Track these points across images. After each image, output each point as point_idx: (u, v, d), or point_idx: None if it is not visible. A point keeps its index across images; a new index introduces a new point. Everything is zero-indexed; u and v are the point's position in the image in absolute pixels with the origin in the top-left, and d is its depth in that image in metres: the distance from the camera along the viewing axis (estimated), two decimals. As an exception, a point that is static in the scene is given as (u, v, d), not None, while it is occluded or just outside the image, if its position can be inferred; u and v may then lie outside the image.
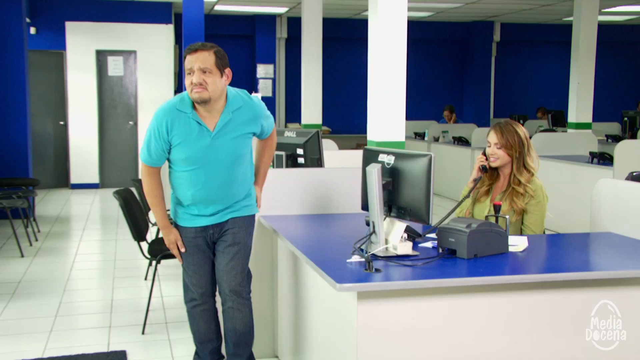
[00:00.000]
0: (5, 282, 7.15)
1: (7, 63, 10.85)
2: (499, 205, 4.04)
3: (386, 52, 7.16)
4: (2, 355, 5.14)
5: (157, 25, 14.33)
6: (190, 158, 4.04)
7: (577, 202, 9.14)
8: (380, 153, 3.77)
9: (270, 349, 5.07)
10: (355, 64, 16.56)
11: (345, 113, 17.03)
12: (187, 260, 4.26)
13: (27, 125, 11.12)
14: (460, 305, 3.39)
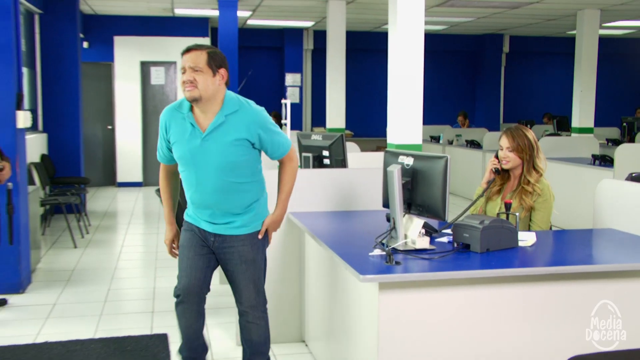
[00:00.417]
0: (61, 270, 7.21)
1: (63, 74, 10.95)
2: (509, 204, 4.01)
3: (405, 62, 7.15)
4: (60, 334, 5.17)
5: (195, 39, 14.29)
6: (182, 158, 3.73)
7: (580, 200, 9.06)
8: (400, 155, 3.74)
9: (298, 334, 5.04)
10: (375, 73, 16.54)
11: (366, 118, 17.00)
12: (182, 252, 3.89)
13: (79, 130, 11.21)
14: (473, 296, 3.36)
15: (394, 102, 7.26)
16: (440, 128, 14.70)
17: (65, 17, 11.00)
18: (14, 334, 5.25)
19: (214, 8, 12.80)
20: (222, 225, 3.77)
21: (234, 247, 3.78)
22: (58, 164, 10.66)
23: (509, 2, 12.36)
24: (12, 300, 6.08)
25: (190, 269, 3.83)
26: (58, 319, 5.63)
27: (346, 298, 3.91)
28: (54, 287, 6.56)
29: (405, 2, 7.15)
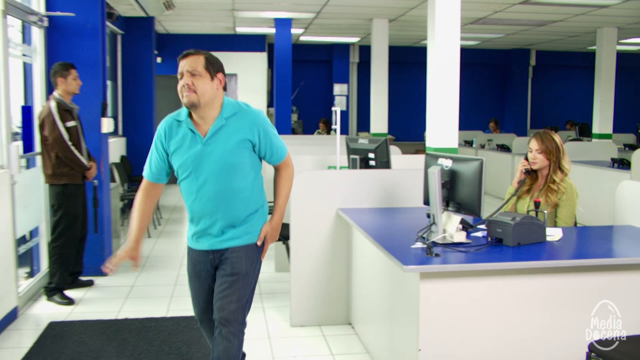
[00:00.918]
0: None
1: (139, 86, 11.13)
2: (538, 202, 4.00)
3: (442, 74, 7.12)
4: (137, 312, 5.28)
5: (254, 53, 14.46)
6: (183, 165, 3.26)
7: (600, 200, 8.90)
8: (440, 157, 3.73)
9: (345, 317, 5.05)
10: (414, 83, 16.46)
11: (406, 123, 16.91)
12: (189, 282, 3.52)
13: (153, 133, 11.34)
14: (505, 285, 3.34)
15: (432, 109, 7.24)
16: (473, 133, 14.56)
17: (143, 37, 11.18)
18: (100, 310, 5.38)
19: (271, 27, 12.87)
20: (217, 239, 3.32)
21: (229, 258, 3.32)
22: (135, 164, 10.82)
23: (535, 20, 12.22)
24: (97, 281, 6.21)
25: (198, 298, 3.50)
26: (135, 299, 5.74)
27: (389, 286, 3.92)
28: (132, 271, 6.68)
29: (442, 20, 7.12)
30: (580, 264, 3.41)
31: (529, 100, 18.03)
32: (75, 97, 5.70)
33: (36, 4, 6.10)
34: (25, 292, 5.54)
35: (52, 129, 5.43)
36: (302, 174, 4.92)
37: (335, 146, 6.08)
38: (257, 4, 10.85)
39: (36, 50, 6.18)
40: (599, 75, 12.96)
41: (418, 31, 13.37)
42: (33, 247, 6.17)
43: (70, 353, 4.42)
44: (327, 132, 13.12)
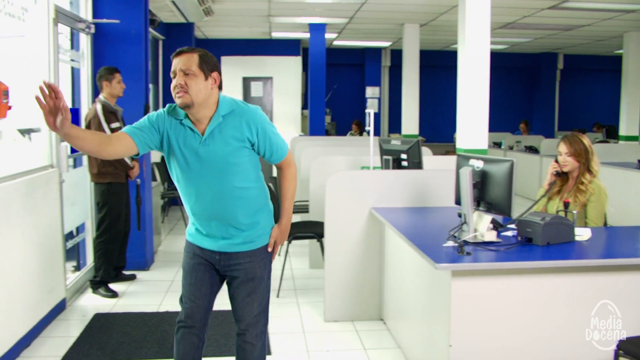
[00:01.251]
0: (177, 252, 7.38)
1: (179, 88, 11.22)
2: (568, 203, 3.95)
3: (473, 77, 7.08)
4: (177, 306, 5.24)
5: (289, 57, 14.49)
6: (181, 165, 3.02)
7: (628, 201, 8.76)
8: (471, 158, 3.70)
9: (377, 313, 5.05)
10: (444, 86, 16.34)
11: (436, 125, 16.81)
12: (185, 278, 3.21)
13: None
14: (535, 283, 3.31)
15: (463, 112, 7.20)
16: (501, 135, 14.42)
17: (183, 42, 11.24)
18: (142, 303, 5.44)
19: (305, 31, 12.90)
20: (227, 242, 3.10)
21: (240, 264, 3.12)
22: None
23: (563, 25, 12.06)
24: (140, 275, 6.30)
25: (194, 296, 3.18)
26: (176, 293, 5.76)
27: (421, 283, 3.90)
28: (172, 266, 6.74)
29: (473, 25, 7.08)
30: (609, 263, 3.36)
31: (557, 103, 17.81)
32: (120, 99, 5.78)
33: (84, 12, 6.20)
34: (73, 285, 5.64)
35: (97, 130, 5.51)
36: (337, 174, 4.93)
37: (367, 147, 6.08)
38: (293, 10, 10.89)
39: (83, 56, 6.28)
40: (626, 78, 12.79)
41: (448, 35, 13.29)
42: (79, 242, 6.27)
43: (114, 343, 4.48)
44: (359, 133, 13.11)
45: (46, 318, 4.83)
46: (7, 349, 4.10)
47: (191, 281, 3.17)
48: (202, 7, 9.65)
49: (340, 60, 16.20)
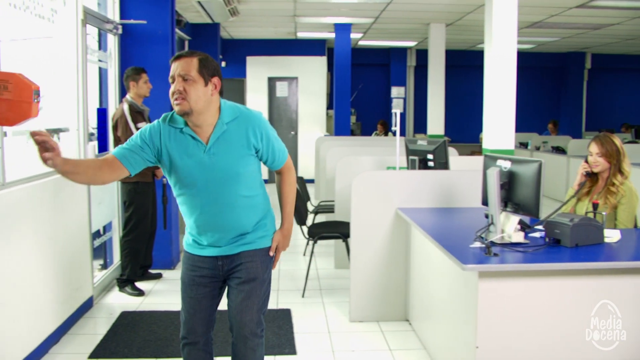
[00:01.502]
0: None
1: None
2: (597, 204, 3.89)
3: (499, 77, 7.04)
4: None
5: (314, 57, 14.50)
6: (186, 178, 2.87)
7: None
8: (498, 159, 3.67)
9: (402, 314, 5.02)
10: (469, 86, 16.24)
11: (461, 125, 16.70)
12: (185, 291, 3.05)
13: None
14: (563, 285, 3.27)
15: (489, 112, 7.15)
16: (528, 135, 14.28)
17: (208, 42, 11.37)
18: (168, 301, 5.47)
19: (331, 31, 12.90)
20: (230, 246, 2.98)
21: (242, 263, 2.99)
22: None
23: (592, 23, 11.91)
24: (166, 274, 6.34)
25: (195, 311, 3.03)
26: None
27: (447, 284, 3.88)
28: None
29: (499, 24, 7.03)
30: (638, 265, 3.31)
31: (584, 103, 17.59)
32: (146, 99, 5.82)
33: (111, 13, 6.27)
34: (100, 283, 5.70)
35: (124, 130, 5.57)
36: (363, 174, 4.91)
37: (392, 147, 6.06)
38: (318, 10, 10.90)
39: (111, 56, 6.34)
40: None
41: (474, 35, 13.20)
42: (106, 240, 6.33)
43: (141, 341, 4.52)
44: (384, 133, 13.08)
45: (74, 315, 4.89)
46: (36, 345, 4.16)
47: (191, 294, 3.02)
48: (228, 8, 9.69)
49: (365, 60, 16.17)
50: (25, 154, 4.27)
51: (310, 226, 6.09)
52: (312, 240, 5.80)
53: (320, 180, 9.69)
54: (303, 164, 14.39)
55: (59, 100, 4.94)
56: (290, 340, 4.58)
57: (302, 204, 6.12)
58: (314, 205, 7.82)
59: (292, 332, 4.74)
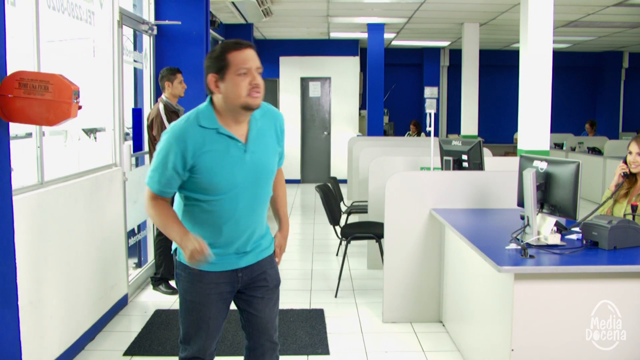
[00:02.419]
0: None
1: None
2: (636, 206, 3.81)
3: (535, 77, 6.96)
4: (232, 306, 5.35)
5: (347, 57, 14.50)
6: (221, 182, 2.58)
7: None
8: (535, 160, 3.63)
9: (436, 315, 4.99)
10: (503, 86, 16.09)
11: (495, 126, 16.54)
12: (201, 312, 2.73)
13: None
14: (601, 289, 3.21)
15: (524, 112, 7.06)
16: (563, 136, 14.09)
17: (242, 42, 11.41)
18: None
19: (364, 31, 12.88)
20: (251, 253, 2.76)
21: (265, 271, 2.81)
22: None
23: (629, 22, 11.70)
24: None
25: (213, 330, 2.77)
26: (234, 292, 5.86)
27: (482, 286, 3.84)
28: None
29: (535, 23, 6.95)
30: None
31: (622, 103, 17.28)
32: (181, 99, 5.87)
33: (147, 14, 6.35)
34: (134, 281, 5.76)
35: (160, 130, 5.62)
36: (397, 175, 4.89)
37: (425, 148, 6.03)
38: (351, 10, 10.89)
39: (146, 57, 6.42)
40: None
41: (509, 34, 13.07)
42: (141, 239, 6.41)
43: (174, 339, 4.56)
44: (417, 133, 13.02)
45: (109, 313, 4.96)
46: (73, 342, 4.23)
47: (211, 314, 2.74)
48: (261, 8, 9.74)
49: (398, 60, 16.11)
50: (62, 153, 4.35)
51: (343, 226, 6.08)
52: (345, 240, 5.79)
53: (352, 180, 9.68)
54: (336, 164, 14.39)
55: (96, 101, 5.02)
56: (324, 340, 4.58)
57: (335, 204, 6.12)
58: (346, 205, 7.82)
59: (325, 332, 4.74)
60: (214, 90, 2.62)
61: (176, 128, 2.59)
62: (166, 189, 2.62)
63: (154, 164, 2.62)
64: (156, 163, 2.61)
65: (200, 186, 2.60)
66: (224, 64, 2.57)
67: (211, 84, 2.62)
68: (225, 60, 2.57)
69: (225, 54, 2.57)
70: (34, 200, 3.72)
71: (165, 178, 2.59)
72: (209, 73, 2.62)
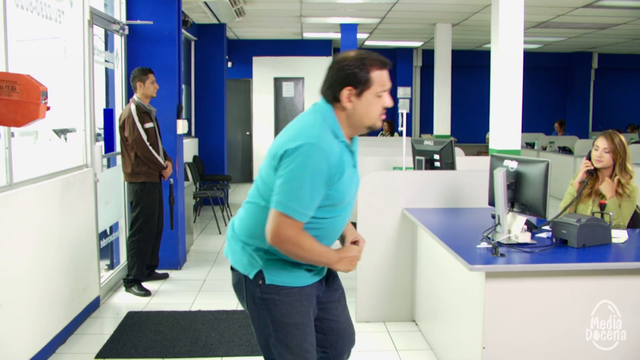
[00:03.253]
0: (209, 252, 7.46)
1: (211, 89, 11.33)
2: (604, 204, 3.87)
3: (506, 77, 7.01)
4: (210, 305, 5.35)
5: (320, 58, 14.50)
6: (345, 198, 2.44)
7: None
8: (505, 159, 3.66)
9: (409, 314, 5.02)
10: (474, 86, 16.20)
11: (467, 126, 16.66)
12: (305, 331, 2.52)
13: (223, 135, 11.54)
14: (570, 286, 3.26)
15: (496, 112, 7.13)
16: (534, 135, 14.25)
17: (215, 43, 11.37)
18: (174, 301, 5.49)
19: (337, 32, 12.89)
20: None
21: (333, 273, 2.72)
22: (206, 163, 11.03)
23: (599, 23, 11.87)
24: (172, 275, 6.35)
25: (313, 342, 2.58)
26: (208, 292, 5.83)
27: (454, 284, 3.87)
28: (204, 265, 6.79)
29: (506, 24, 7.02)
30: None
31: (591, 103, 17.53)
32: (153, 100, 5.84)
33: (118, 13, 6.28)
34: (106, 283, 5.71)
35: (131, 130, 5.58)
36: (369, 175, 4.91)
37: (399, 147, 6.05)
38: (324, 10, 10.89)
39: (117, 57, 6.36)
40: (663, 77, 12.58)
41: (480, 35, 13.18)
42: (113, 241, 6.35)
43: (147, 341, 4.53)
44: (390, 133, 13.07)
45: (81, 315, 4.90)
46: (43, 345, 4.17)
47: (312, 332, 2.56)
48: (234, 8, 9.70)
49: (371, 60, 16.13)
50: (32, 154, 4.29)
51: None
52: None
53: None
54: (309, 164, 14.37)
55: (66, 101, 4.96)
56: (297, 340, 4.56)
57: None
58: (320, 205, 7.81)
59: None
60: (345, 104, 2.41)
61: (319, 139, 2.32)
62: (310, 212, 2.33)
63: (298, 187, 2.27)
64: (302, 185, 2.28)
65: (326, 203, 2.38)
66: (366, 81, 2.38)
67: (343, 97, 2.40)
68: (368, 77, 2.38)
69: (370, 71, 2.38)
70: (2, 202, 3.66)
71: (315, 200, 2.32)
72: (345, 84, 2.40)
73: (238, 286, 2.60)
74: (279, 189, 2.31)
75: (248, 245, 2.50)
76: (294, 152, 2.29)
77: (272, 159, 2.39)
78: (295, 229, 2.31)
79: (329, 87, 2.46)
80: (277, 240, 2.32)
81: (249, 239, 2.50)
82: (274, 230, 2.31)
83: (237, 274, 2.58)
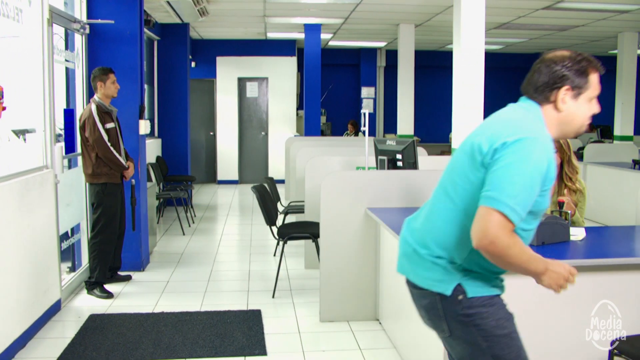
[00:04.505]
0: (173, 253, 7.41)
1: (174, 89, 11.26)
2: (562, 202, 3.95)
3: (468, 77, 7.09)
4: (173, 306, 5.33)
5: (284, 58, 14.50)
6: (546, 207, 2.28)
7: (622, 201, 8.78)
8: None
9: (372, 313, 5.05)
10: (438, 86, 16.36)
11: (431, 125, 16.81)
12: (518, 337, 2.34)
13: (187, 135, 11.47)
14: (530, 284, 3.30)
15: (458, 112, 7.21)
16: (496, 135, 14.45)
17: (178, 42, 11.30)
18: (137, 304, 5.43)
19: (301, 32, 12.90)
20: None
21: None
22: (170, 164, 10.95)
23: (558, 25, 12.10)
24: (135, 276, 6.29)
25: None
26: (171, 294, 5.80)
27: (417, 282, 3.90)
28: (167, 267, 6.75)
29: (467, 25, 7.10)
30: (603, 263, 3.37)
31: (551, 103, 17.84)
32: (114, 100, 5.78)
33: (78, 12, 6.20)
34: (68, 286, 5.63)
35: (92, 131, 5.51)
36: (332, 175, 4.93)
37: (362, 147, 6.09)
38: (288, 10, 10.89)
39: (78, 56, 6.28)
40: (620, 79, 12.87)
41: (443, 36, 13.30)
42: (74, 243, 6.26)
43: (109, 344, 4.48)
44: (355, 133, 13.13)
45: (41, 319, 4.83)
46: (2, 350, 4.10)
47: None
48: (197, 8, 9.64)
49: (335, 60, 16.20)
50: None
51: (280, 227, 6.09)
52: (282, 240, 5.80)
53: (290, 180, 9.69)
54: (273, 164, 14.38)
55: (25, 101, 4.88)
56: (261, 341, 4.57)
57: (272, 204, 6.12)
58: (284, 205, 7.83)
59: (263, 332, 4.74)
60: (559, 105, 2.26)
61: (540, 135, 2.16)
62: (524, 216, 2.11)
63: (516, 183, 2.06)
64: (521, 181, 2.07)
65: (531, 210, 2.18)
66: (585, 82, 2.25)
67: (559, 97, 2.26)
68: (587, 78, 2.26)
69: (589, 72, 2.27)
70: (-41, 205, 3.59)
71: (530, 201, 2.10)
72: (562, 84, 2.26)
73: (431, 308, 2.36)
74: (492, 184, 2.09)
75: (440, 259, 2.28)
76: (513, 144, 2.12)
77: (477, 154, 2.23)
78: (508, 230, 2.06)
79: (540, 85, 2.32)
80: (486, 242, 2.06)
81: (442, 251, 2.27)
82: (484, 228, 2.05)
83: (425, 294, 2.34)
